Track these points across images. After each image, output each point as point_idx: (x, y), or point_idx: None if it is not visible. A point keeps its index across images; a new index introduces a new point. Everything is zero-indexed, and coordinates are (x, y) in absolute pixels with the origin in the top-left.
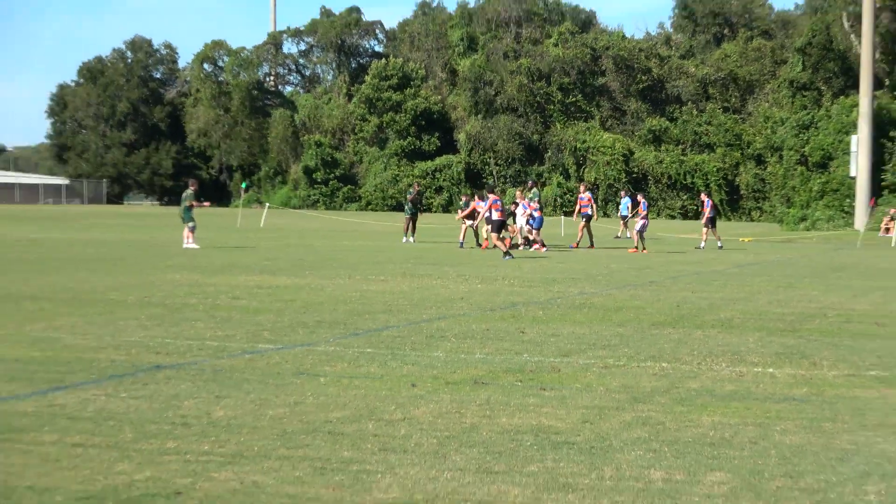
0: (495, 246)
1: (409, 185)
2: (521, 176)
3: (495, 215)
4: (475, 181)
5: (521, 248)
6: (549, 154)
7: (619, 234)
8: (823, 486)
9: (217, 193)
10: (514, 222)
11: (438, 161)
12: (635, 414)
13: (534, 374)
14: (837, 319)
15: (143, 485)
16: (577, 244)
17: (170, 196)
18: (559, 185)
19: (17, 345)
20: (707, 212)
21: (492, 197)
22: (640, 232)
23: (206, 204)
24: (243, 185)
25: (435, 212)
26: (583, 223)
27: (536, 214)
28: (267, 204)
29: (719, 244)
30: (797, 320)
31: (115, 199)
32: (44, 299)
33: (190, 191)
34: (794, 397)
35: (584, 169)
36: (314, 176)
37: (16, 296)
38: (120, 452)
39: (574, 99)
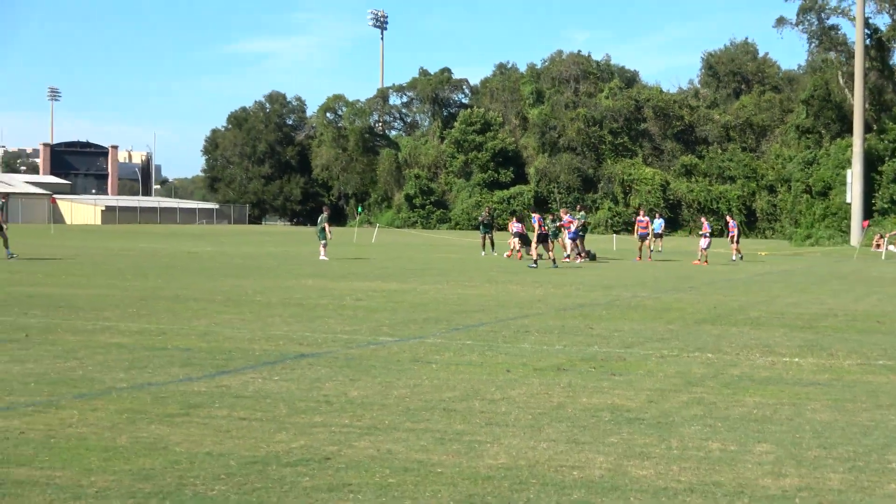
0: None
1: (482, 210)
2: (579, 202)
3: (516, 229)
4: (542, 206)
5: (575, 260)
6: (602, 184)
7: (656, 249)
8: (852, 455)
9: (336, 216)
10: (559, 237)
11: (512, 190)
12: (690, 395)
13: (604, 363)
14: (845, 318)
15: (298, 451)
16: (640, 258)
17: (299, 217)
18: (609, 209)
19: (187, 337)
20: (733, 231)
21: (536, 216)
22: (705, 248)
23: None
24: (358, 210)
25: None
26: (640, 242)
27: (572, 228)
28: (377, 224)
29: (733, 257)
30: (812, 319)
31: (255, 220)
32: (204, 300)
33: (325, 215)
34: (819, 382)
35: (629, 196)
36: (413, 201)
37: (182, 297)
38: (277, 425)
39: (621, 140)
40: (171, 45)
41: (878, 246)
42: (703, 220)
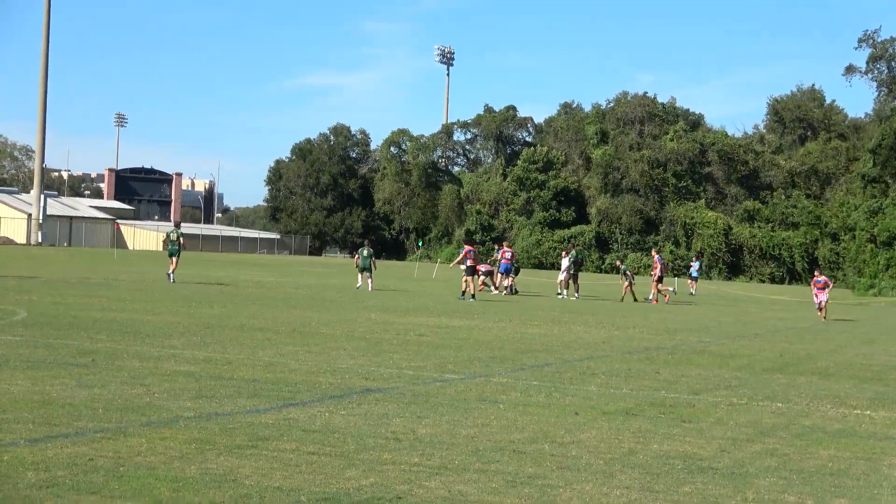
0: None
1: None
2: (641, 244)
3: (469, 262)
4: (603, 247)
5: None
6: (664, 227)
7: (692, 292)
8: None
9: (396, 250)
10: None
11: (574, 229)
12: (763, 445)
13: (673, 409)
14: None
15: (368, 489)
16: (656, 300)
17: (356, 250)
18: (671, 252)
19: (253, 368)
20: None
21: (466, 247)
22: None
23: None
24: (419, 244)
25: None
26: (655, 283)
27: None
28: (438, 259)
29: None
30: (882, 371)
31: (316, 251)
32: (269, 331)
33: (370, 249)
34: (893, 437)
35: (692, 240)
36: (474, 237)
37: (248, 327)
38: (346, 461)
39: (685, 183)
40: (239, 76)
41: None
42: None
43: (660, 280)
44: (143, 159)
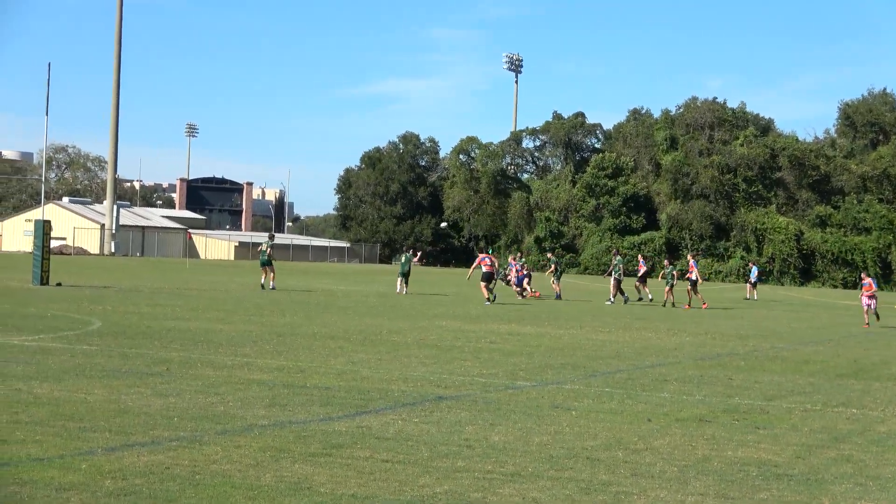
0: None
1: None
2: (711, 249)
3: (485, 269)
4: (673, 253)
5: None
6: (734, 232)
7: (747, 297)
8: None
9: (465, 257)
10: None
11: (643, 236)
12: (838, 452)
13: (747, 415)
14: None
15: (443, 497)
16: (689, 305)
17: (428, 258)
18: (742, 257)
19: (326, 376)
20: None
21: (480, 255)
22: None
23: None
24: (489, 251)
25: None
26: (690, 288)
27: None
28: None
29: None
30: None
31: (386, 259)
32: (341, 339)
33: (410, 254)
34: None
35: (763, 245)
36: (543, 244)
37: (320, 335)
38: (420, 468)
39: (755, 188)
40: (308, 85)
41: None
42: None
43: (694, 285)
44: (213, 169)
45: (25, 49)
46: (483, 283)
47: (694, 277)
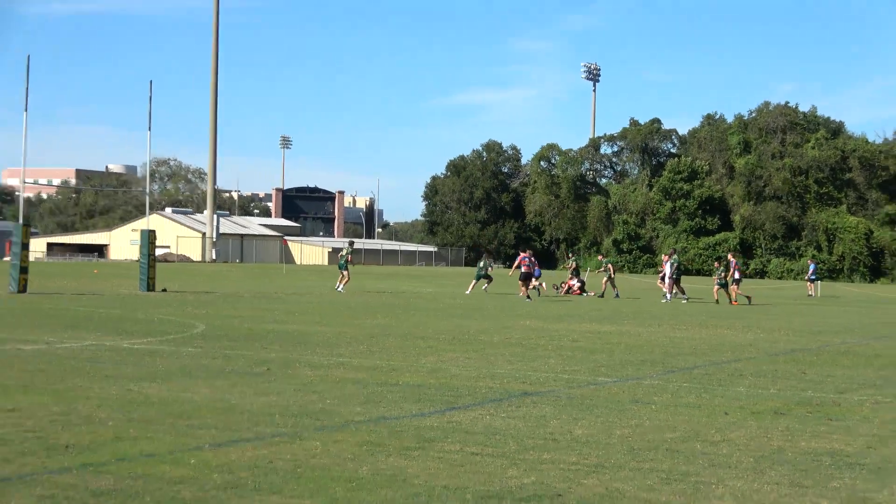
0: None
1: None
2: (784, 249)
3: (523, 269)
4: (747, 253)
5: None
6: (805, 232)
7: (810, 293)
8: None
9: (547, 260)
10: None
11: (718, 237)
12: None
13: (819, 407)
14: None
15: (530, 487)
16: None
17: (510, 260)
18: (813, 256)
19: (416, 374)
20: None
21: (521, 255)
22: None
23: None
24: (569, 254)
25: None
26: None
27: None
28: (587, 268)
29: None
30: None
31: (471, 262)
32: (431, 339)
33: (486, 259)
34: None
35: (833, 244)
36: (621, 246)
37: (410, 336)
38: (508, 461)
39: (826, 189)
40: (396, 98)
41: None
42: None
43: (735, 284)
44: (307, 178)
45: (129, 67)
46: (521, 282)
47: (737, 276)
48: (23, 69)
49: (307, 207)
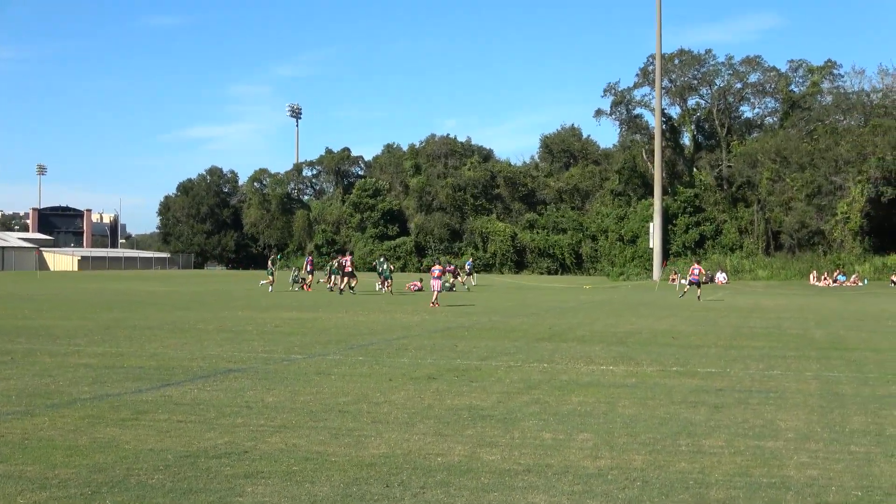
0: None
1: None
2: (449, 248)
3: (348, 267)
4: (421, 253)
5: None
6: (465, 235)
7: (463, 283)
8: (652, 440)
9: (262, 262)
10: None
11: (398, 241)
12: (529, 396)
13: (465, 372)
14: (649, 335)
15: (223, 447)
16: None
17: (233, 264)
18: (472, 254)
19: (140, 357)
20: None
21: (341, 257)
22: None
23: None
24: (278, 257)
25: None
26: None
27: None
28: (294, 268)
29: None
30: (624, 336)
31: (199, 266)
32: (156, 328)
33: (341, 260)
34: (627, 384)
35: (487, 244)
36: (321, 249)
37: (139, 326)
38: (207, 426)
39: (480, 202)
40: (136, 130)
41: (673, 280)
42: (694, 264)
43: (707, 282)
44: (60, 199)
45: None
46: (345, 278)
47: (695, 277)
48: None
49: (60, 224)
